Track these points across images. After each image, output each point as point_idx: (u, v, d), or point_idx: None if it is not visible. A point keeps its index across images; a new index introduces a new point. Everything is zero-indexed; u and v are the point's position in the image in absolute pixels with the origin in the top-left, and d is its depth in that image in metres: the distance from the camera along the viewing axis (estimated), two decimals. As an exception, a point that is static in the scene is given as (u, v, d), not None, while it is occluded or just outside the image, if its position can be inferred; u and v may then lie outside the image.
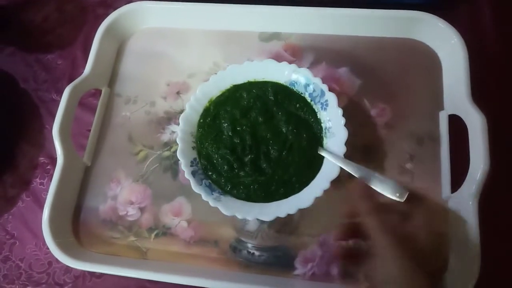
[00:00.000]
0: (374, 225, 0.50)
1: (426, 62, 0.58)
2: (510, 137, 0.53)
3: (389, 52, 0.59)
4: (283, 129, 0.51)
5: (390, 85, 0.57)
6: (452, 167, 0.52)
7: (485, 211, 0.46)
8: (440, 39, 0.56)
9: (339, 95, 0.51)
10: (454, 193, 0.50)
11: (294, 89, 0.53)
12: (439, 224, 0.50)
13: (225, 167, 0.50)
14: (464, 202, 0.48)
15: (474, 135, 0.49)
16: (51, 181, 0.54)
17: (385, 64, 0.58)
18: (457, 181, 0.50)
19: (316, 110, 0.52)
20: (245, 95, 0.54)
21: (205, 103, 0.54)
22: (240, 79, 0.55)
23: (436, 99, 0.56)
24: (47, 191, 0.54)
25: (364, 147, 0.54)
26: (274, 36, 0.62)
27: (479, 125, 0.48)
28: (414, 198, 0.51)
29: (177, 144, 0.52)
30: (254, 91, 0.54)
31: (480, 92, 0.51)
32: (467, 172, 0.49)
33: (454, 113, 0.53)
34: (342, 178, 0.52)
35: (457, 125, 0.52)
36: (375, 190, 0.49)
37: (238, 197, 0.50)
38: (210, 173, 0.51)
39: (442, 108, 0.55)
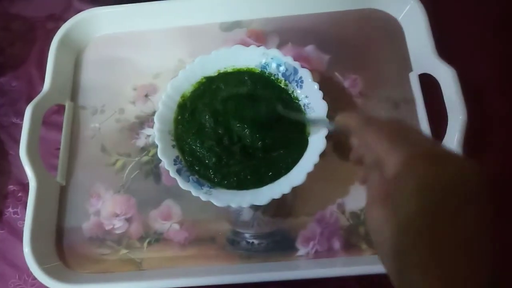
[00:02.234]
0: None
1: (387, 28, 0.59)
2: (479, 85, 0.55)
3: (351, 24, 0.59)
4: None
5: (357, 55, 0.58)
6: (431, 125, 0.53)
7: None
8: (397, 3, 0.58)
9: (311, 72, 0.51)
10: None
11: (266, 74, 0.53)
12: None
13: (213, 159, 0.49)
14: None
15: (447, 89, 0.50)
16: (25, 208, 0.51)
17: (350, 36, 0.59)
18: (437, 138, 0.51)
19: (292, 89, 0.52)
20: (223, 87, 0.52)
21: (177, 99, 0.53)
22: (210, 70, 0.54)
23: (404, 62, 0.57)
24: (23, 220, 0.51)
25: (343, 119, 0.54)
26: (235, 24, 0.61)
27: (450, 78, 0.50)
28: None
29: (155, 147, 0.50)
30: (231, 81, 0.53)
31: (444, 47, 0.53)
32: (447, 126, 0.50)
33: (423, 72, 0.54)
34: (328, 152, 0.52)
35: (428, 84, 0.53)
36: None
37: (229, 186, 0.48)
38: (197, 168, 0.49)
39: (410, 69, 0.56)
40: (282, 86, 0.52)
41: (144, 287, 0.49)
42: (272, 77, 0.53)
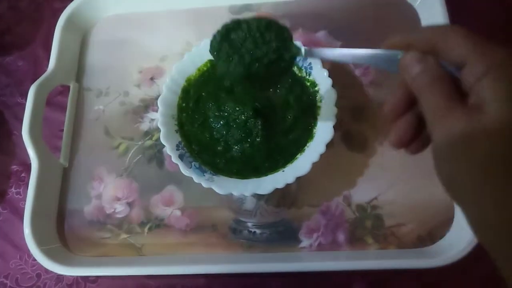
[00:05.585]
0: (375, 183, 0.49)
1: (403, 15, 0.56)
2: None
3: (364, 10, 0.57)
4: (275, 100, 0.49)
5: (370, 42, 0.53)
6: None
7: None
8: (413, -12, 0.55)
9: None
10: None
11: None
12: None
13: (219, 148, 0.48)
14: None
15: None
16: (27, 188, 0.50)
17: (362, 22, 0.56)
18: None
19: (304, 75, 0.50)
20: None
21: (182, 82, 0.51)
22: (217, 54, 0.52)
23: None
24: (25, 200, 0.50)
25: (353, 108, 0.53)
26: (245, 7, 0.59)
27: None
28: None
29: (159, 132, 0.49)
30: None
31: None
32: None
33: (439, 61, 0.52)
34: (336, 142, 0.51)
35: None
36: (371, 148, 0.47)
37: (231, 171, 0.47)
38: (204, 156, 0.48)
39: (426, 59, 0.54)
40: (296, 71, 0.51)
41: (143, 272, 0.48)
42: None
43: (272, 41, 0.35)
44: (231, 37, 0.36)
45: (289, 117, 0.48)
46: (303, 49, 0.35)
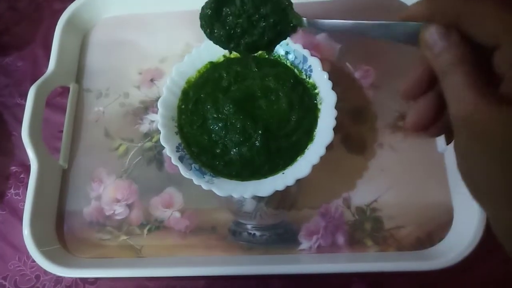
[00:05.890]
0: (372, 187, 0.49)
1: (403, 18, 0.57)
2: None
3: (364, 12, 0.57)
4: (275, 102, 0.49)
5: (370, 45, 0.56)
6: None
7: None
8: (414, -8, 0.55)
9: (320, 61, 0.49)
10: (450, 144, 0.49)
11: (276, 57, 0.51)
12: (438, 177, 0.49)
13: (218, 150, 0.48)
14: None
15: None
16: (26, 190, 0.50)
17: (363, 25, 0.57)
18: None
19: (304, 77, 0.50)
20: (224, 75, 0.51)
21: (182, 84, 0.51)
22: (217, 55, 0.52)
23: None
24: (24, 201, 0.50)
25: (353, 110, 0.53)
26: (245, 9, 0.59)
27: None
28: (410, 155, 0.50)
29: (159, 133, 0.49)
30: (233, 67, 0.51)
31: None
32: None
33: (439, 64, 0.52)
34: (336, 144, 0.51)
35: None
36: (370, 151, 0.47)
37: (230, 173, 0.47)
38: (204, 158, 0.48)
39: (425, 61, 0.54)
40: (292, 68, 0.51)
41: (142, 274, 0.48)
42: (282, 59, 0.51)
43: (269, 16, 0.33)
44: (223, 13, 0.33)
45: (291, 119, 0.48)
46: (304, 20, 0.33)
